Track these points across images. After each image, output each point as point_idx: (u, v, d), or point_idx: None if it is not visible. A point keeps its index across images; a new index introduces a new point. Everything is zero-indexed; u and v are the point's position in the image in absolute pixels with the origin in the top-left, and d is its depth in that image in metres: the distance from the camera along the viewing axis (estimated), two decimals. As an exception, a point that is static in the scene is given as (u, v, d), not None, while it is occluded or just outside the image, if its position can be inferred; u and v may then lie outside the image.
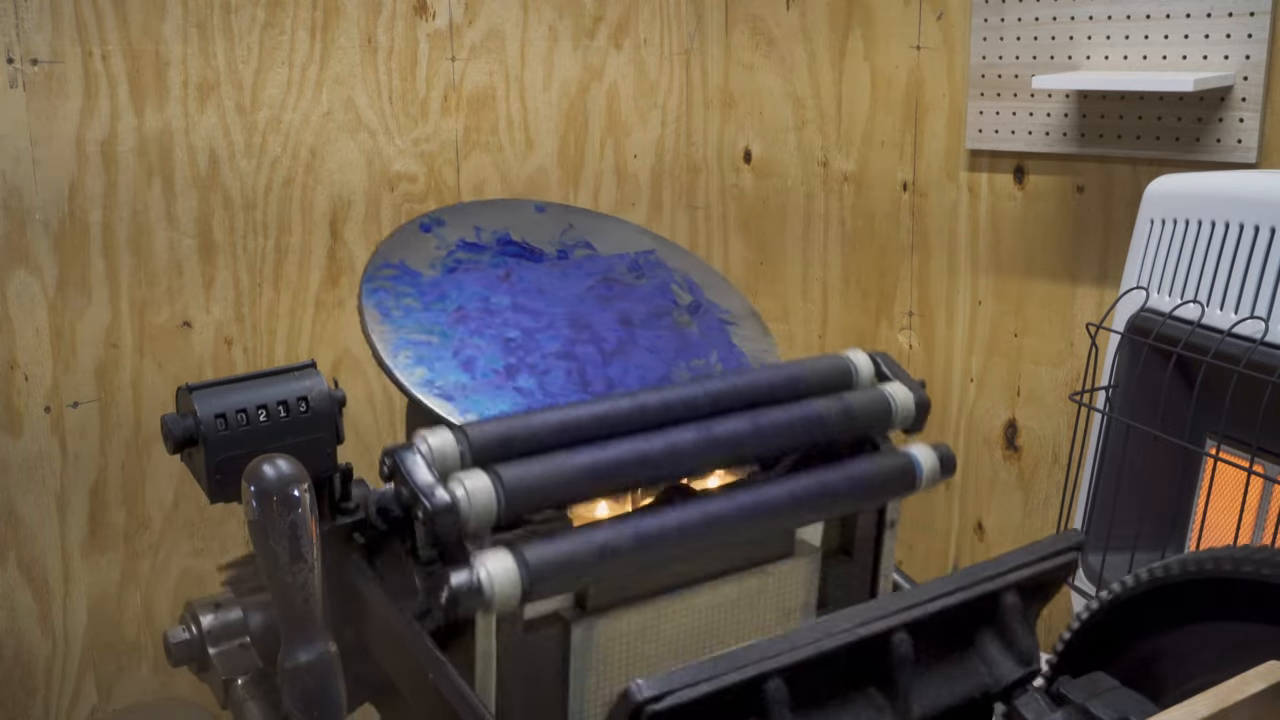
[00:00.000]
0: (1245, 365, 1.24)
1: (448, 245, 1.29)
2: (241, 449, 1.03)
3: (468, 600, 0.91)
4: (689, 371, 1.20)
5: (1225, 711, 0.82)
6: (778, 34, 2.10)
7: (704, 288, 1.31)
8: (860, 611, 0.92)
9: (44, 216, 1.57)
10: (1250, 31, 1.53)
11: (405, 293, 1.22)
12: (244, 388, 1.06)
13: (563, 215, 1.37)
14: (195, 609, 1.05)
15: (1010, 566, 1.00)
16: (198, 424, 1.03)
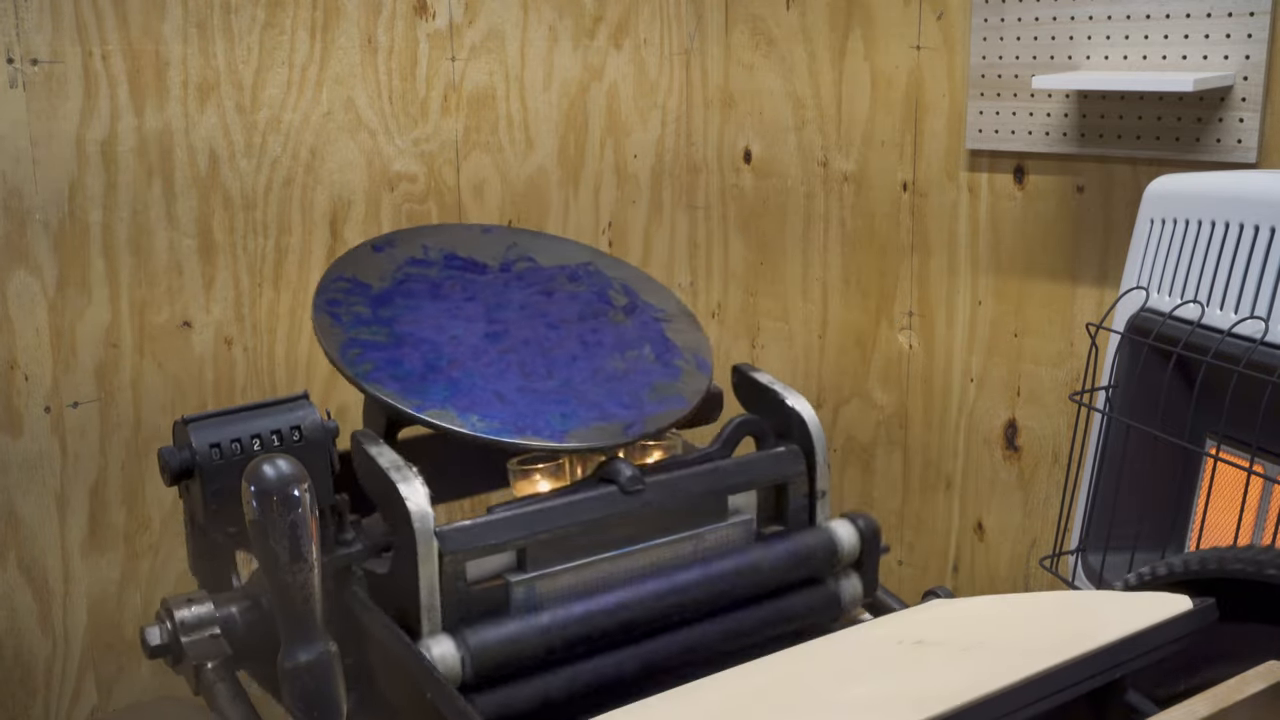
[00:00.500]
0: (1245, 365, 1.24)
1: (396, 262, 1.35)
2: (236, 479, 1.06)
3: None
4: (623, 362, 1.24)
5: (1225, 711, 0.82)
6: (778, 34, 2.10)
7: (640, 291, 1.36)
8: (981, 709, 0.84)
9: (44, 216, 1.57)
10: (1250, 31, 1.53)
11: (355, 301, 1.28)
12: (238, 419, 1.09)
13: (507, 235, 1.43)
14: (169, 604, 1.07)
15: (1129, 656, 0.91)
16: (193, 455, 1.06)
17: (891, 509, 2.09)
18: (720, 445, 1.21)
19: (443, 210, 1.91)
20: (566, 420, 1.16)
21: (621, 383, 1.23)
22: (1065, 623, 0.98)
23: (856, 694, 0.89)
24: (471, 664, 1.02)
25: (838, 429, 2.15)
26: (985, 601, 1.10)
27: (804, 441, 1.22)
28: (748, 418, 1.25)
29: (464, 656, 1.02)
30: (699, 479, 1.16)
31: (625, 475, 1.12)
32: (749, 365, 1.30)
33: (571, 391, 1.20)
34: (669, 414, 1.21)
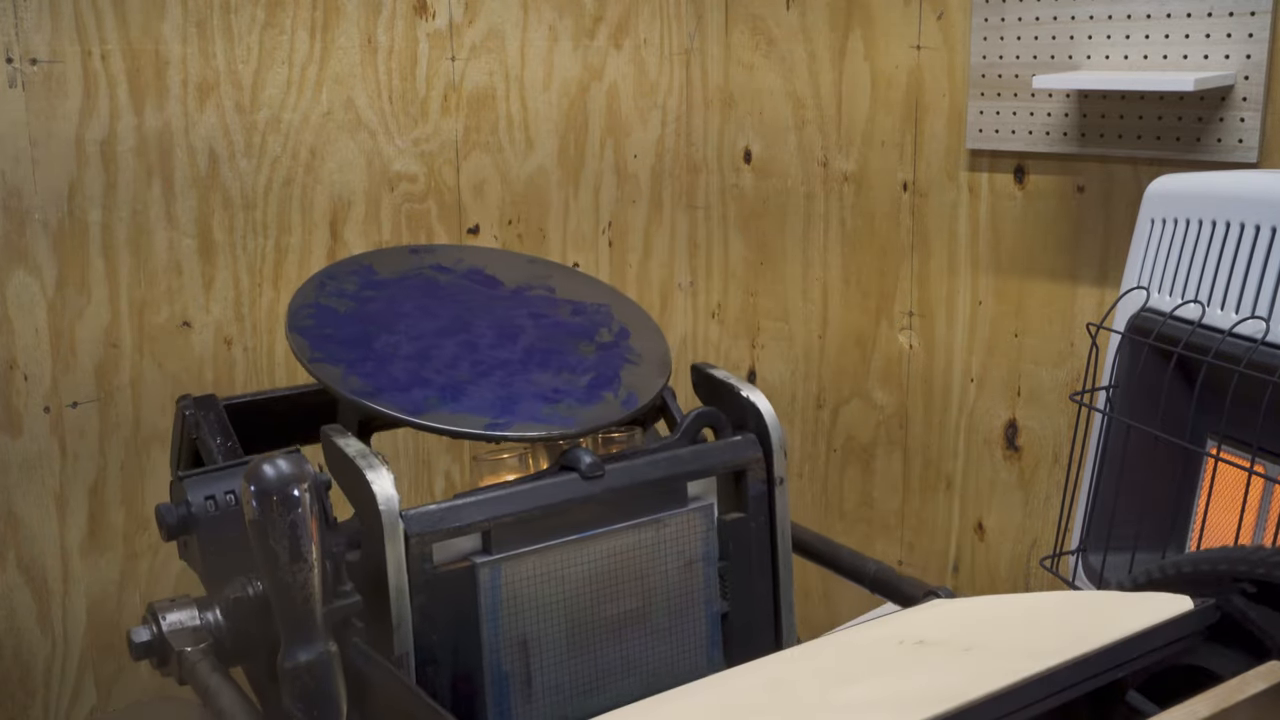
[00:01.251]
0: (1246, 365, 1.24)
1: (424, 265, 1.39)
2: (232, 531, 1.11)
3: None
4: (555, 380, 1.27)
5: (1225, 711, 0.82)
6: (778, 34, 2.10)
7: (633, 335, 1.38)
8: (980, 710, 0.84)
9: (43, 216, 1.57)
10: (1250, 31, 1.53)
11: (352, 281, 1.32)
12: (233, 474, 1.15)
13: (547, 269, 1.46)
14: (155, 608, 1.08)
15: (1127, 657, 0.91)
16: (189, 509, 1.10)
17: (891, 509, 2.09)
18: (679, 436, 1.25)
19: (443, 210, 1.91)
20: (509, 414, 1.20)
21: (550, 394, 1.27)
22: (1066, 623, 0.98)
23: (856, 694, 0.89)
24: None
25: (838, 429, 2.15)
26: (986, 601, 1.10)
27: (760, 430, 1.26)
28: (705, 410, 1.28)
29: None
30: (657, 465, 1.19)
31: (585, 462, 1.15)
32: (707, 364, 1.34)
33: (512, 390, 1.24)
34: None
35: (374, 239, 1.85)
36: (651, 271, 2.22)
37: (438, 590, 1.07)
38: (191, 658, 1.02)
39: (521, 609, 1.12)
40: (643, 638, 1.19)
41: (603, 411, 1.22)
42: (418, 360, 1.23)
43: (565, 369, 1.28)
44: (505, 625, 1.11)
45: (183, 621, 1.06)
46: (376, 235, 1.85)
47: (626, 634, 1.18)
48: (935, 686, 0.85)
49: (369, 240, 1.84)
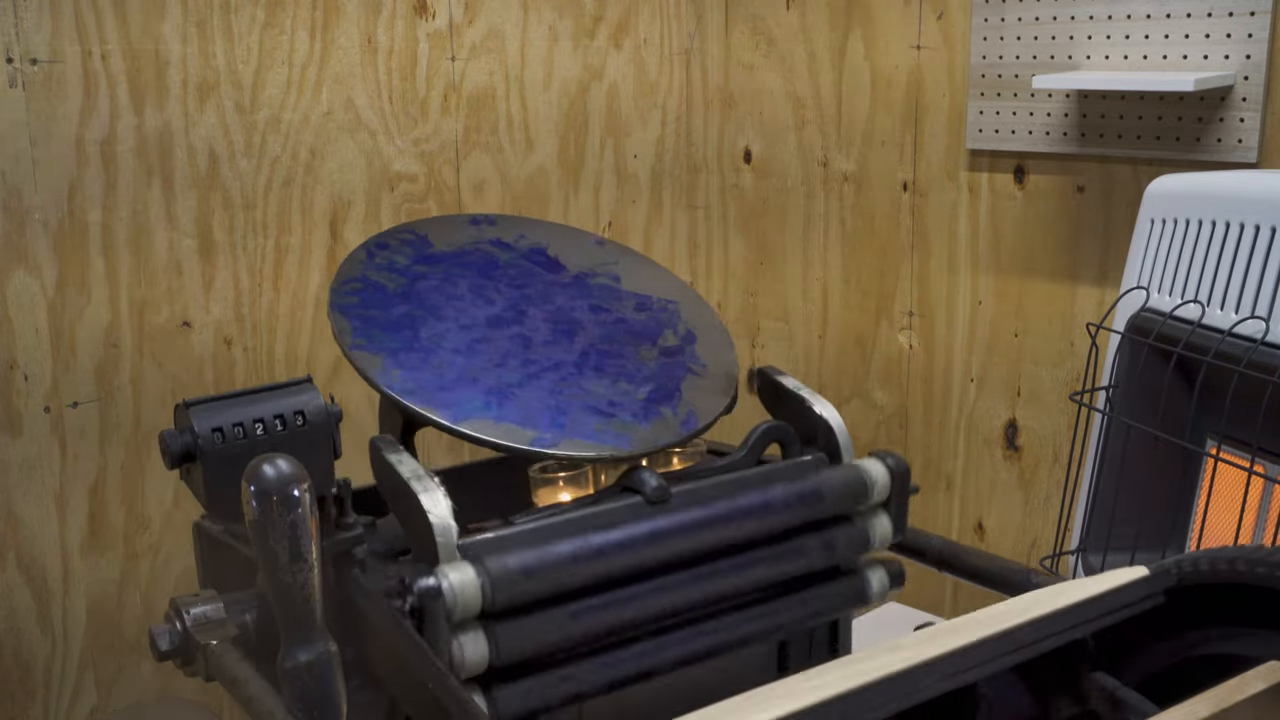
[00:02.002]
0: (1246, 365, 1.24)
1: (483, 239, 1.30)
2: (238, 463, 1.02)
3: (431, 604, 0.96)
4: (612, 392, 1.20)
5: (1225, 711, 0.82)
6: (778, 34, 2.10)
7: (700, 341, 1.30)
8: (943, 661, 0.87)
9: (43, 216, 1.57)
10: (1250, 31, 1.53)
11: (404, 254, 1.25)
12: (240, 403, 1.06)
13: (616, 252, 1.38)
14: (179, 603, 1.06)
15: (1088, 616, 0.95)
16: (195, 439, 1.03)
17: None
18: (746, 452, 1.19)
19: (443, 210, 1.91)
20: (566, 429, 1.13)
21: (610, 409, 1.20)
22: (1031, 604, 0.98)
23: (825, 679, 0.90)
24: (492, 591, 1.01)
25: (838, 429, 2.15)
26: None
27: (830, 448, 1.20)
28: (774, 424, 1.22)
29: (484, 583, 1.00)
30: (724, 488, 1.13)
31: (650, 486, 1.09)
32: (773, 369, 1.27)
33: (574, 403, 1.17)
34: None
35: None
36: (651, 271, 2.22)
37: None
38: (218, 651, 1.01)
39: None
40: (701, 665, 1.14)
41: (659, 432, 1.15)
42: (465, 355, 1.17)
43: (622, 377, 1.20)
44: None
45: (207, 615, 1.04)
46: (376, 235, 1.85)
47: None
48: (890, 660, 0.87)
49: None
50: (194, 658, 1.03)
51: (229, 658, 0.99)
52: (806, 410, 1.22)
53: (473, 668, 1.01)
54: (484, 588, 1.00)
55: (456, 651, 1.00)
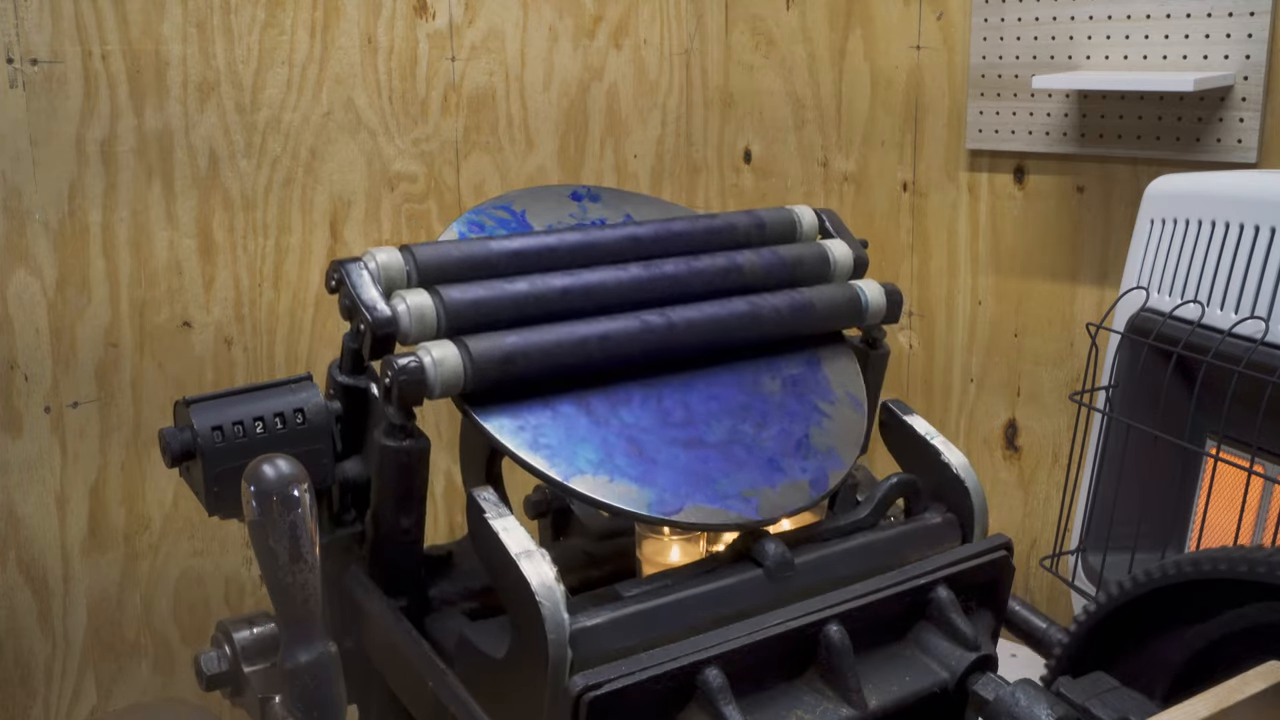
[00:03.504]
0: (1245, 365, 1.24)
1: (583, 218, 1.22)
2: (238, 461, 1.02)
3: (411, 380, 0.97)
4: (735, 423, 1.09)
5: (1225, 711, 0.82)
6: (778, 34, 2.10)
7: (825, 362, 1.19)
8: (796, 606, 0.97)
9: (44, 216, 1.57)
10: (1250, 31, 1.53)
11: (498, 229, 1.17)
12: (240, 400, 1.06)
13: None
14: (227, 627, 1.02)
15: (939, 565, 1.05)
16: (195, 437, 1.03)
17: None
18: (872, 510, 1.11)
19: (443, 210, 1.91)
20: (708, 491, 1.02)
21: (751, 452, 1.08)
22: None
23: None
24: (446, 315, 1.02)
25: (838, 429, 2.15)
26: None
27: (962, 509, 1.12)
28: (903, 479, 1.14)
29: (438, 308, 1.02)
30: (852, 559, 1.06)
31: (773, 557, 1.01)
32: (902, 404, 1.19)
33: (717, 459, 1.05)
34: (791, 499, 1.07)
35: (374, 239, 1.85)
36: (651, 271, 2.22)
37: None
38: (280, 713, 0.96)
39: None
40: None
41: (789, 496, 1.05)
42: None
43: (750, 416, 1.09)
44: None
45: (256, 642, 1.01)
46: (376, 235, 1.85)
47: None
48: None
49: (369, 240, 1.84)
50: (244, 690, 1.00)
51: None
52: (934, 459, 1.14)
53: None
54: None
55: None
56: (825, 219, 1.27)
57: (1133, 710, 0.96)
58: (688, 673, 0.90)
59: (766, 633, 0.94)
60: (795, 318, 1.16)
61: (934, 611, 1.04)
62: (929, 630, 1.03)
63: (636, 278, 1.10)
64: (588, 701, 0.85)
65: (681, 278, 1.12)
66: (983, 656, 1.01)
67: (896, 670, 1.00)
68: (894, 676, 1.00)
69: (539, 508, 1.36)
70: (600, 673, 0.87)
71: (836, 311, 1.20)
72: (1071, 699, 0.98)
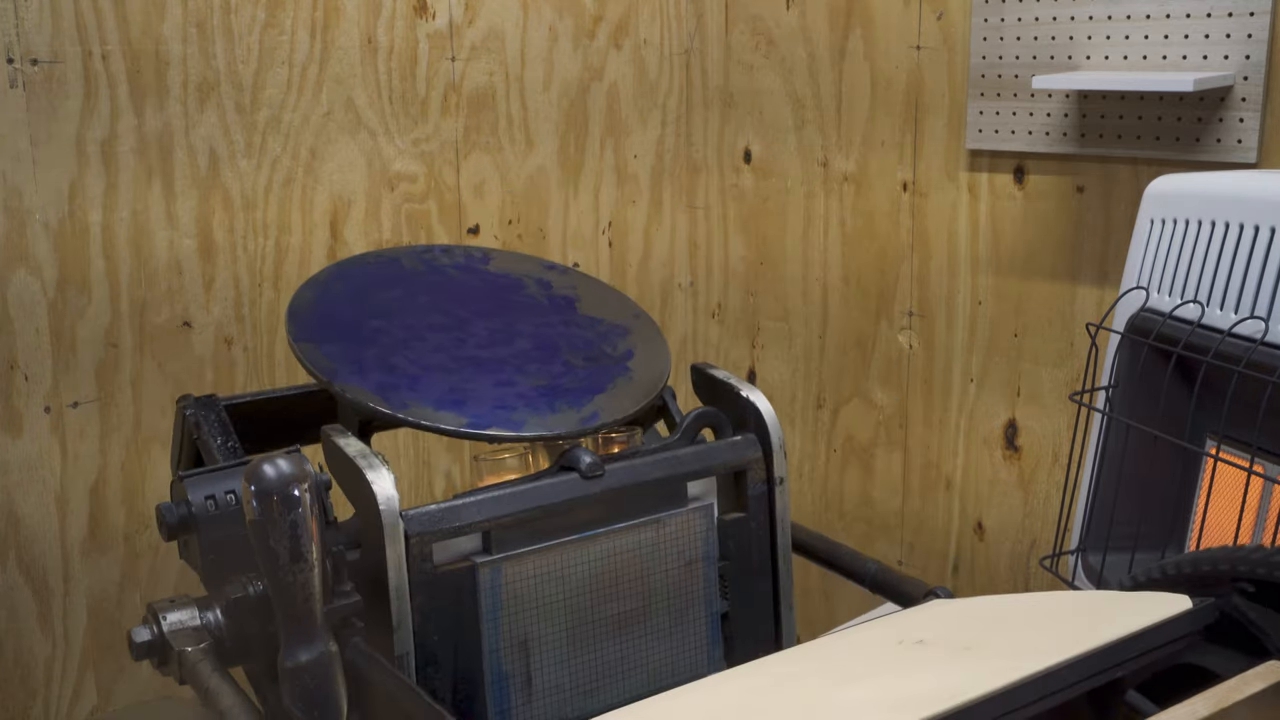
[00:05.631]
0: (1245, 365, 1.24)
1: (446, 260, 1.38)
2: (232, 530, 1.11)
3: None
4: (537, 377, 1.25)
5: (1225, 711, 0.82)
6: (778, 34, 2.10)
7: (637, 359, 1.35)
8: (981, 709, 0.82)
9: (44, 216, 1.57)
10: (1250, 31, 1.53)
11: (368, 262, 1.33)
12: (233, 474, 1.15)
13: (573, 278, 1.44)
14: (155, 608, 1.08)
15: (1128, 656, 0.89)
16: (190, 509, 1.11)
17: (891, 509, 2.09)
18: (679, 436, 1.25)
19: (443, 210, 1.91)
20: (526, 413, 1.19)
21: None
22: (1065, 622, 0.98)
23: (856, 693, 0.89)
24: None
25: (838, 429, 2.15)
26: (985, 601, 1.11)
27: (760, 430, 1.26)
28: (705, 410, 1.28)
29: None
30: (657, 466, 1.19)
31: (585, 462, 1.16)
32: (707, 364, 1.34)
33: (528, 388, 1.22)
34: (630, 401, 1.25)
35: (374, 239, 1.85)
36: (651, 271, 2.22)
37: (438, 590, 1.07)
38: (192, 658, 1.02)
39: (522, 609, 1.12)
40: (643, 638, 1.19)
41: (560, 422, 1.22)
42: (408, 350, 1.23)
43: (550, 377, 1.28)
44: (506, 625, 1.11)
45: (183, 621, 1.06)
46: (377, 235, 1.85)
47: (627, 634, 1.18)
48: (934, 686, 0.85)
49: (369, 240, 1.84)
50: (170, 659, 1.05)
51: (202, 666, 1.02)
52: (736, 396, 1.28)
53: None
54: None
55: None
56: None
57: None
58: None
59: None
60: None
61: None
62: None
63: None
64: None
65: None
66: None
67: None
68: None
69: None
70: None
71: None
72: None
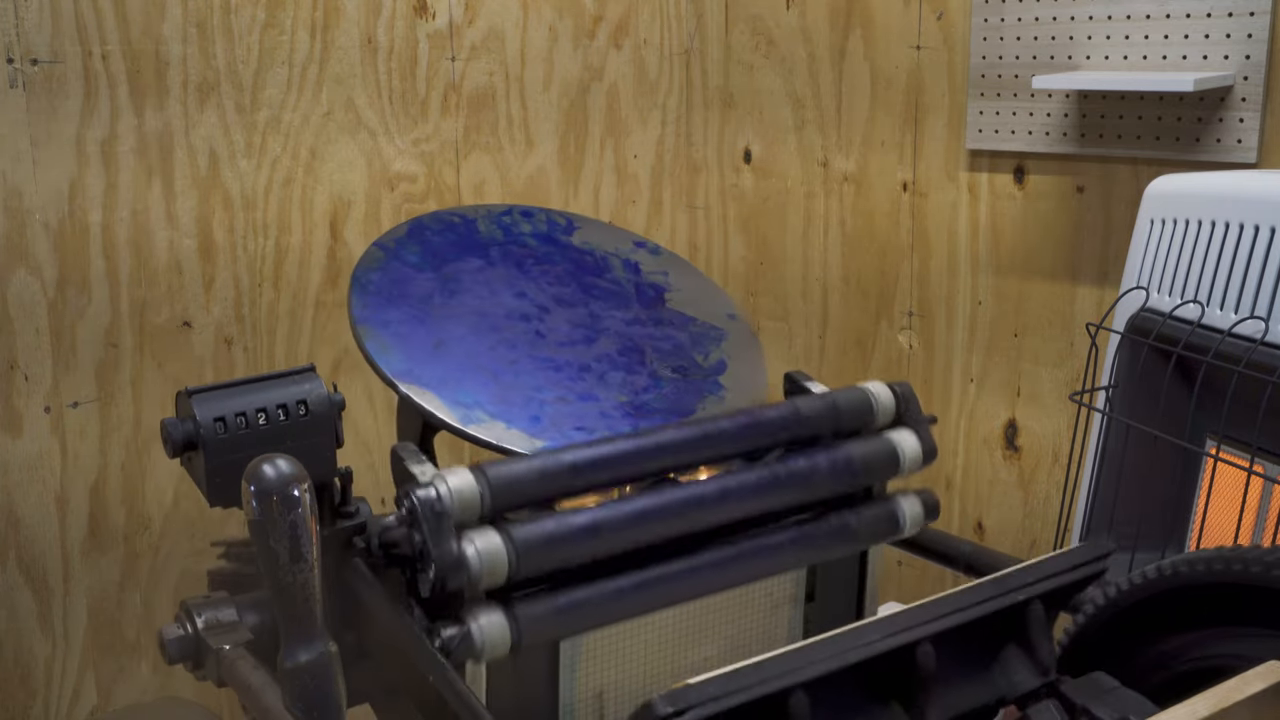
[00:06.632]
0: (1245, 365, 1.24)
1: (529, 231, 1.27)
2: (240, 453, 1.03)
3: (461, 651, 0.95)
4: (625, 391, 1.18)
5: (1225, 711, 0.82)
6: (778, 34, 2.10)
7: (730, 370, 1.26)
8: (885, 623, 0.92)
9: (44, 216, 1.57)
10: (1250, 31, 1.53)
11: (444, 225, 1.21)
12: (243, 391, 1.06)
13: (664, 259, 1.34)
14: (189, 606, 1.05)
15: (1039, 576, 0.99)
16: (197, 428, 1.03)
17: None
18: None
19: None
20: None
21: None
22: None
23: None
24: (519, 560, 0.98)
25: (838, 429, 2.15)
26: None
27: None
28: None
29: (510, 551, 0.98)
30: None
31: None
32: (802, 374, 1.25)
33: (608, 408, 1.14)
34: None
35: (374, 239, 1.84)
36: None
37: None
38: (230, 655, 1.00)
39: (601, 660, 1.06)
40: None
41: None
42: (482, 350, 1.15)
43: (636, 392, 1.19)
44: (583, 678, 1.05)
45: (219, 619, 1.04)
46: (376, 235, 1.85)
47: None
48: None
49: (369, 240, 1.84)
50: (205, 659, 1.02)
51: (242, 664, 0.98)
52: None
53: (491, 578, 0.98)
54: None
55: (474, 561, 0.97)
56: (900, 399, 1.19)
57: (1133, 710, 0.96)
58: (774, 700, 0.86)
59: (859, 654, 0.90)
60: (835, 478, 1.15)
61: (1021, 626, 0.99)
62: (1013, 649, 1.00)
63: (708, 506, 1.07)
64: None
65: (758, 499, 1.10)
66: (1050, 684, 0.98)
67: (969, 688, 0.97)
68: (963, 694, 0.96)
69: None
70: (682, 696, 0.83)
71: (874, 529, 1.17)
72: (1071, 699, 0.98)
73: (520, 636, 0.97)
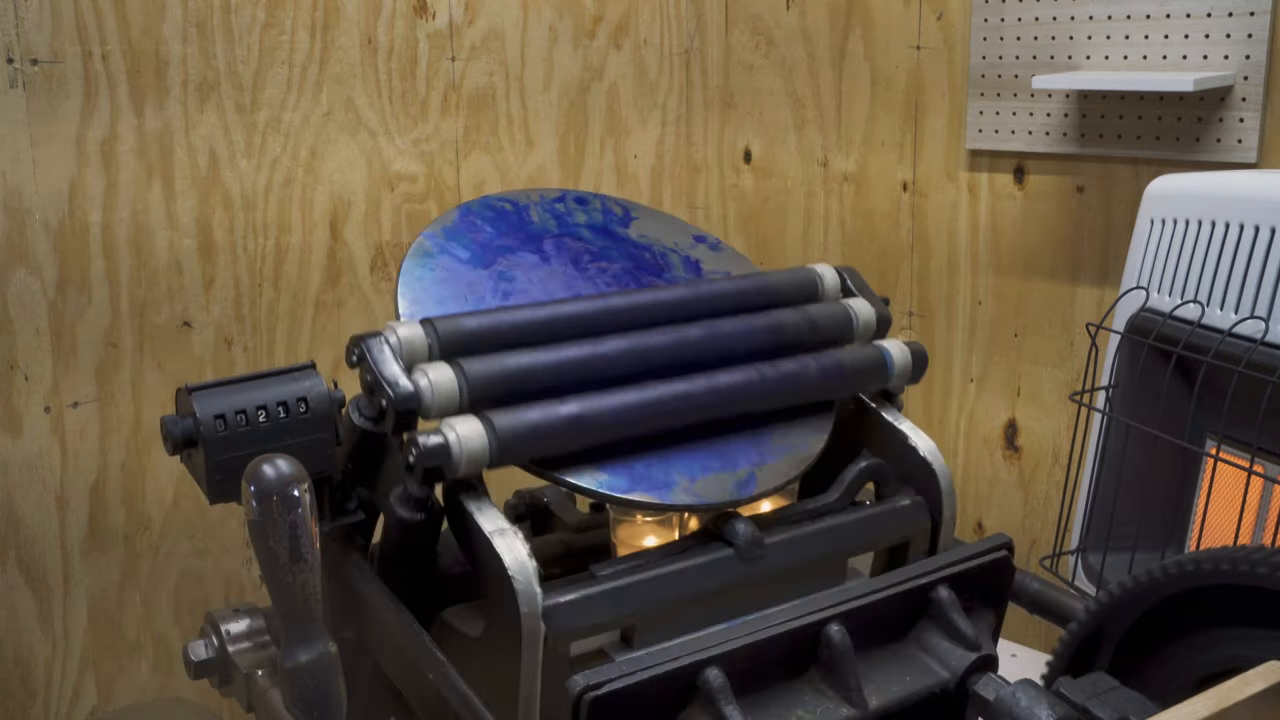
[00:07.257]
0: (1245, 365, 1.24)
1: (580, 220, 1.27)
2: (241, 450, 1.03)
3: (435, 459, 0.96)
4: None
5: (1225, 711, 0.82)
6: (778, 34, 2.10)
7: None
8: (797, 606, 0.97)
9: (44, 216, 1.57)
10: (1250, 31, 1.53)
11: (495, 214, 1.23)
12: (243, 388, 1.06)
13: (725, 257, 1.33)
14: (215, 619, 1.04)
15: (940, 565, 1.05)
16: (197, 425, 1.03)
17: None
18: (841, 495, 1.13)
19: (443, 210, 1.91)
20: (683, 472, 1.06)
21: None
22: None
23: None
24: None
25: (838, 429, 2.15)
26: None
27: (930, 493, 1.14)
28: (872, 464, 1.15)
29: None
30: (821, 539, 1.08)
31: (743, 537, 1.04)
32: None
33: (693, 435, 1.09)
34: (789, 461, 1.11)
35: (374, 239, 1.85)
36: (651, 271, 2.22)
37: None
38: (262, 684, 0.98)
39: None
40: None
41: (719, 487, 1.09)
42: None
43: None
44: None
45: (247, 632, 1.02)
46: (377, 235, 1.85)
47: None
48: None
49: (369, 240, 1.84)
50: (233, 678, 1.01)
51: (274, 694, 0.97)
52: (902, 444, 1.15)
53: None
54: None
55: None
56: (846, 277, 1.22)
57: (1133, 710, 0.96)
58: (689, 672, 0.90)
59: (767, 632, 0.94)
60: (824, 382, 1.15)
61: (935, 611, 1.03)
62: (930, 630, 1.03)
63: (666, 343, 1.08)
64: (589, 701, 0.85)
65: (717, 341, 1.10)
66: (984, 656, 1.01)
67: (898, 670, 1.01)
68: (895, 676, 1.00)
69: (517, 510, 1.36)
70: (601, 672, 0.87)
71: (863, 376, 1.17)
72: (1071, 699, 0.98)
73: (498, 448, 0.97)
